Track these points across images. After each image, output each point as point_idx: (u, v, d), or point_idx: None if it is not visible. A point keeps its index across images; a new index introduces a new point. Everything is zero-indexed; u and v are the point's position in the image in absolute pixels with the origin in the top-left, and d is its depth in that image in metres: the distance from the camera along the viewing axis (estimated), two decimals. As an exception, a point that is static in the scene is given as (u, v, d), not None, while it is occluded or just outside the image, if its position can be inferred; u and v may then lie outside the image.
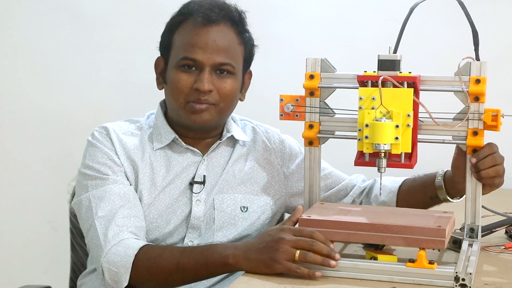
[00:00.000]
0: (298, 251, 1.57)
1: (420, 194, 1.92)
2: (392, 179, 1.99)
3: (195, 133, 1.92)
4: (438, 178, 1.87)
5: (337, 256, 1.56)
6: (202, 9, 1.85)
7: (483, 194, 1.73)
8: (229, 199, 1.91)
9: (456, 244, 1.73)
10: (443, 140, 1.74)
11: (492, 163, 1.70)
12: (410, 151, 1.68)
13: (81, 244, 2.12)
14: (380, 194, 1.90)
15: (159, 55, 1.95)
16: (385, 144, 1.65)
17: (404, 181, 1.98)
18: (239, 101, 1.95)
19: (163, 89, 1.93)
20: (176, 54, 1.87)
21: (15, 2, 3.11)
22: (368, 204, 2.00)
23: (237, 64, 1.88)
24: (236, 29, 1.88)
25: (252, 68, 1.99)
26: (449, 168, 1.86)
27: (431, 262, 1.56)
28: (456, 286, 1.51)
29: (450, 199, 1.88)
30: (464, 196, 1.76)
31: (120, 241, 1.73)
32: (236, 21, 1.89)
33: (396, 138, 1.65)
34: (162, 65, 1.92)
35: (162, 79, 1.93)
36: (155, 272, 1.70)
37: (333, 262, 1.55)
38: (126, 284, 1.70)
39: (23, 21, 3.11)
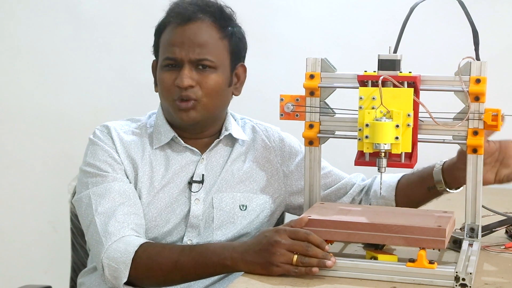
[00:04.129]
0: (295, 256, 1.57)
1: (418, 186, 1.92)
2: (391, 175, 1.99)
3: (190, 132, 1.93)
4: (437, 167, 1.87)
5: (333, 259, 1.56)
6: (181, 9, 1.88)
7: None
8: (228, 198, 1.91)
9: (456, 244, 1.72)
10: (443, 140, 1.73)
11: None
12: (410, 151, 1.68)
13: (81, 244, 2.12)
14: (380, 194, 1.89)
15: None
16: (385, 144, 1.65)
17: (402, 176, 1.98)
18: (238, 97, 1.96)
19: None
20: (161, 55, 1.90)
21: (15, 2, 3.12)
22: (367, 201, 2.00)
23: (218, 58, 1.88)
24: (216, 24, 1.89)
25: (252, 67, 1.99)
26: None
27: (431, 262, 1.56)
28: (456, 286, 1.51)
29: (448, 189, 1.87)
30: (462, 188, 1.75)
31: (121, 238, 1.74)
32: (216, 16, 1.89)
33: (396, 138, 1.65)
34: (155, 67, 1.95)
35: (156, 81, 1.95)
36: (154, 270, 1.70)
37: (329, 262, 1.55)
38: (125, 280, 1.70)
39: (23, 21, 3.11)
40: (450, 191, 1.87)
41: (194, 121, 1.88)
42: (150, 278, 1.72)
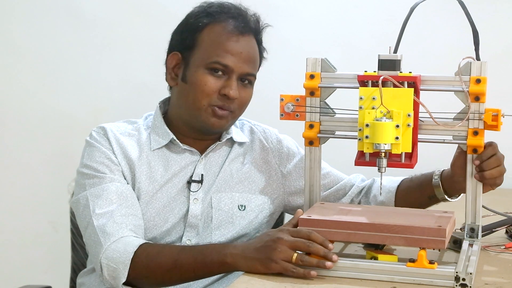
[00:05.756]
0: (295, 254, 1.57)
1: (418, 194, 1.93)
2: (390, 179, 1.99)
3: (199, 134, 1.92)
4: (435, 178, 1.87)
5: (335, 257, 1.56)
6: (239, 18, 1.88)
7: (482, 193, 1.73)
8: (227, 198, 1.91)
9: (456, 244, 1.73)
10: (444, 140, 1.74)
11: (496, 163, 1.71)
12: (410, 151, 1.68)
13: (81, 244, 2.12)
14: (380, 194, 1.89)
15: (169, 50, 1.93)
16: (385, 144, 1.65)
17: (402, 181, 1.98)
18: None
19: (175, 86, 1.92)
20: (204, 55, 1.86)
21: (15, 2, 3.12)
22: (366, 204, 2.00)
23: (256, 74, 1.92)
24: (258, 40, 1.93)
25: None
26: (447, 167, 1.86)
27: (431, 262, 1.56)
28: (456, 286, 1.51)
29: (448, 199, 1.88)
30: (462, 195, 1.76)
31: (120, 238, 1.74)
32: (257, 31, 1.93)
33: (397, 138, 1.65)
34: (177, 61, 1.90)
35: (174, 74, 1.91)
36: (153, 269, 1.70)
37: (328, 263, 1.56)
38: (124, 280, 1.70)
39: (23, 21, 3.11)
40: (451, 200, 1.88)
41: (222, 129, 1.90)
42: (148, 278, 1.72)
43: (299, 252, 1.58)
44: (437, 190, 1.87)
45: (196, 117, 1.87)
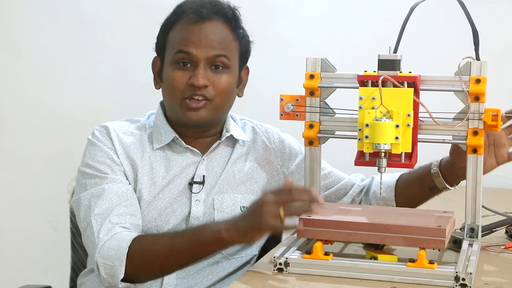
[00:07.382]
0: (282, 209, 1.57)
1: (417, 186, 1.92)
2: (389, 175, 1.99)
3: (194, 131, 1.92)
4: (434, 168, 1.87)
5: (321, 199, 1.58)
6: (194, 6, 1.87)
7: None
8: (229, 199, 1.91)
9: (456, 244, 1.72)
10: (443, 139, 1.74)
11: None
12: (410, 151, 1.68)
13: (81, 244, 2.11)
14: (380, 193, 1.89)
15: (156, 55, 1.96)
16: (385, 144, 1.65)
17: (400, 176, 1.98)
18: (238, 98, 1.96)
19: (161, 88, 1.94)
20: (170, 51, 1.88)
21: (15, 2, 3.12)
22: (367, 202, 2.00)
23: (232, 57, 1.89)
24: (230, 25, 1.89)
25: (252, 67, 1.99)
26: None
27: (431, 262, 1.56)
28: (456, 286, 1.51)
29: (449, 187, 1.88)
30: (462, 182, 1.75)
31: (113, 236, 1.73)
32: (229, 17, 1.89)
33: (396, 137, 1.65)
34: (158, 64, 1.93)
35: (159, 78, 1.94)
36: (150, 260, 1.69)
37: (315, 208, 1.57)
38: (122, 276, 1.69)
39: (23, 21, 3.12)
40: (451, 188, 1.88)
41: (202, 121, 1.88)
42: (146, 270, 1.71)
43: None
44: (437, 180, 1.87)
45: (177, 113, 1.89)
